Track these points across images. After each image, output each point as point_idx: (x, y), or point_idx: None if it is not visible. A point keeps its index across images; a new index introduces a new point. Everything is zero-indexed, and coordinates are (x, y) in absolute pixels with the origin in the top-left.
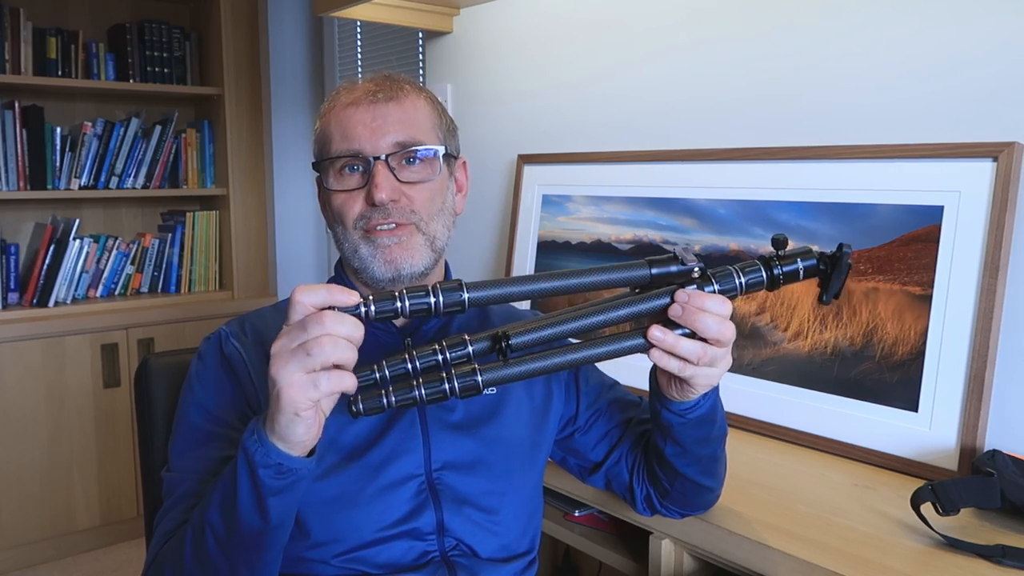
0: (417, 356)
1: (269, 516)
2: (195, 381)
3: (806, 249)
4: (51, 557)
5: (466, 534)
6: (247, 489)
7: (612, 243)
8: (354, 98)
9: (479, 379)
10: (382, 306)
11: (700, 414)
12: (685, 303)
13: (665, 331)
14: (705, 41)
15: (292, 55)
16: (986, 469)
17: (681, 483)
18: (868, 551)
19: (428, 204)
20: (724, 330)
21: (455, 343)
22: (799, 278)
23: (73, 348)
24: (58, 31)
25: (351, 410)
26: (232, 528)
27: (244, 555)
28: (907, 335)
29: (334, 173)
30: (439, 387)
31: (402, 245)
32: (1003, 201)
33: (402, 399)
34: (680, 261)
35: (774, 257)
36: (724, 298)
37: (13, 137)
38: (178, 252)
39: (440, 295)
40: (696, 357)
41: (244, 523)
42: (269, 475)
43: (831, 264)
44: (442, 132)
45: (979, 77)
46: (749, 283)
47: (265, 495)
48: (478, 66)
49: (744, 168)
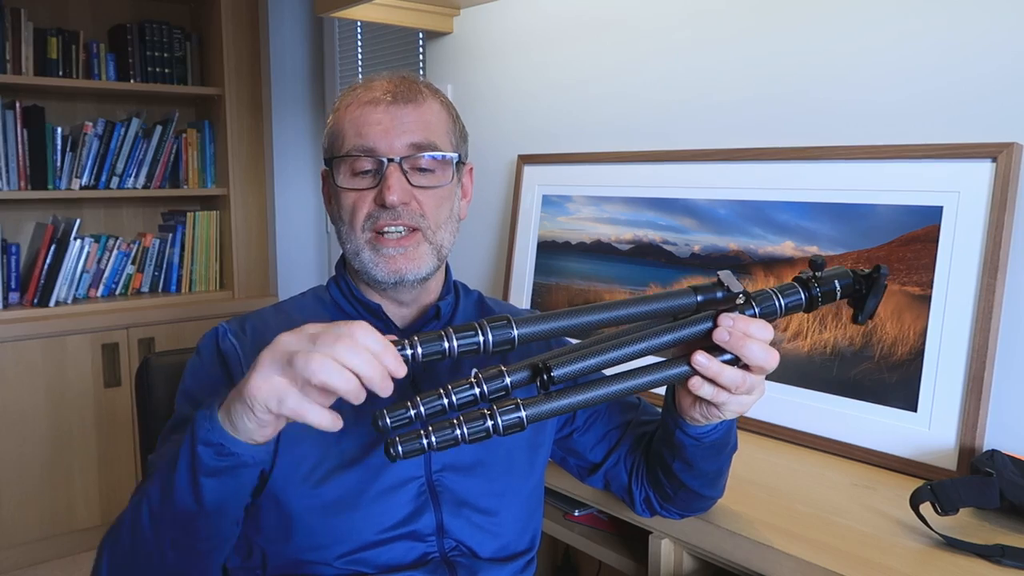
0: (454, 391)
1: (202, 497)
2: (188, 373)
3: (844, 270)
4: (51, 556)
5: (465, 535)
6: (185, 464)
7: (612, 243)
8: (372, 97)
9: (523, 415)
10: (428, 347)
11: (715, 438)
12: (731, 328)
13: (710, 358)
14: (705, 41)
15: (292, 55)
16: (985, 469)
17: (684, 492)
18: (867, 551)
19: (437, 210)
20: (769, 358)
21: (492, 375)
22: (836, 299)
23: (74, 348)
24: (59, 31)
25: (389, 453)
26: (165, 502)
27: (172, 534)
28: (906, 335)
29: (345, 170)
30: (482, 425)
31: (407, 256)
32: (1002, 201)
33: (443, 440)
34: (726, 288)
35: (812, 278)
36: (767, 323)
37: (14, 137)
38: (179, 252)
39: (489, 332)
40: (735, 385)
41: (177, 499)
42: (208, 454)
43: (867, 285)
44: (455, 138)
45: (978, 77)
46: (789, 305)
47: (199, 472)
48: (478, 66)
49: (744, 168)
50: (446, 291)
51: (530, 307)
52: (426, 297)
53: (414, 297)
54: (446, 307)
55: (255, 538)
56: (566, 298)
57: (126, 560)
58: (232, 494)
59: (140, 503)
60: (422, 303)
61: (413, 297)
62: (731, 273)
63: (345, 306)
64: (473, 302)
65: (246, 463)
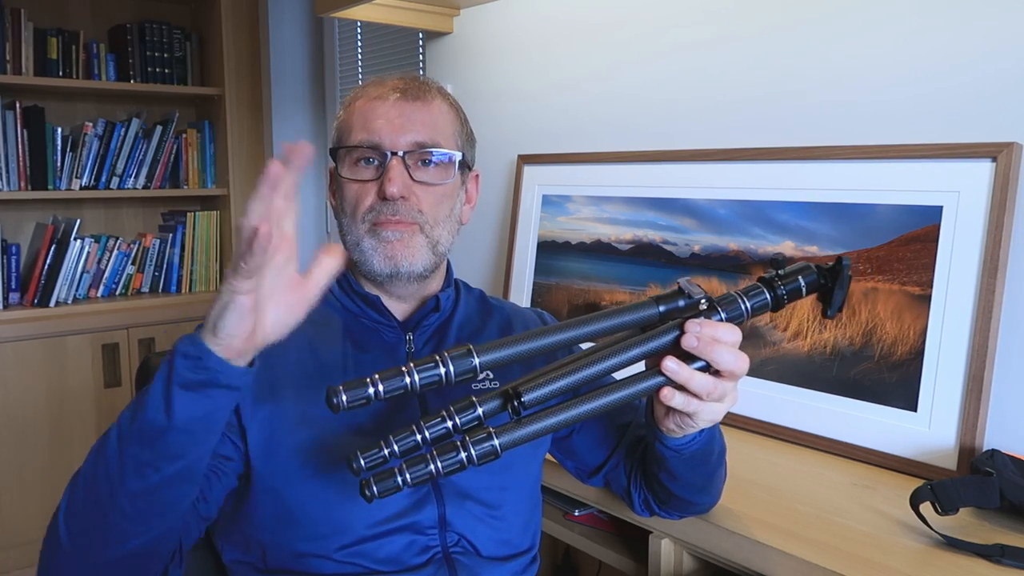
0: (426, 427)
1: (173, 409)
2: None
3: (806, 265)
4: None
5: (468, 529)
6: (161, 379)
7: (612, 243)
8: (381, 93)
9: (496, 443)
10: (390, 384)
11: (696, 450)
12: (699, 333)
13: (681, 364)
14: (705, 41)
15: (292, 55)
16: (985, 469)
17: (676, 500)
18: (867, 550)
19: (436, 207)
20: (739, 361)
21: (463, 407)
22: (802, 295)
23: (74, 348)
24: (59, 32)
25: (364, 493)
26: (135, 417)
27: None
28: (906, 335)
29: (350, 162)
30: (455, 457)
31: (403, 242)
32: (1002, 201)
33: (418, 476)
34: (686, 295)
35: (775, 277)
36: (734, 326)
37: (14, 137)
38: (179, 252)
39: (450, 364)
40: (707, 392)
41: (148, 411)
42: (185, 365)
43: (832, 278)
44: (461, 140)
45: (978, 78)
46: (755, 307)
47: (174, 382)
48: (478, 66)
49: (744, 168)
50: (446, 285)
51: (530, 306)
52: (425, 292)
53: (412, 292)
54: (446, 299)
55: (254, 533)
56: (566, 298)
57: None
58: (203, 417)
59: (110, 428)
60: (421, 296)
61: (411, 292)
62: (689, 280)
63: (344, 300)
64: (475, 299)
65: (220, 382)
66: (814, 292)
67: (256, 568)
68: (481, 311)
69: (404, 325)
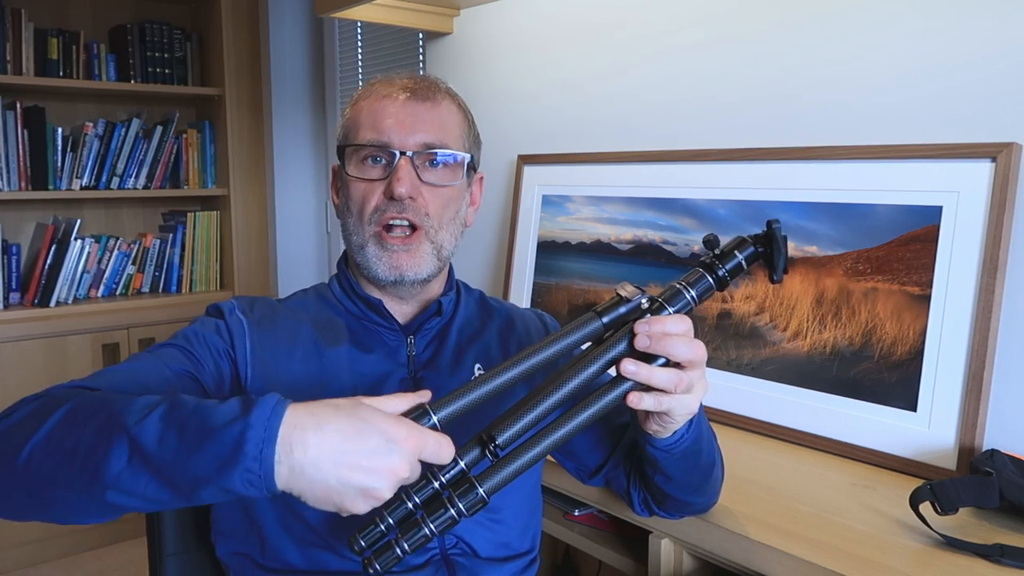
0: (414, 493)
1: (155, 439)
2: (197, 322)
3: (740, 240)
4: (52, 556)
5: (466, 532)
6: (201, 413)
7: (612, 243)
8: (390, 92)
9: (481, 492)
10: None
11: (685, 447)
12: (648, 332)
13: (638, 363)
14: (705, 42)
15: (292, 56)
16: (985, 468)
17: (673, 501)
18: (867, 550)
19: (442, 209)
20: (695, 349)
21: (444, 464)
22: (744, 269)
23: (74, 348)
24: (59, 32)
25: (368, 573)
26: (126, 402)
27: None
28: (906, 335)
29: (357, 161)
30: (445, 515)
31: (410, 253)
32: (1001, 201)
33: (414, 541)
34: (626, 300)
35: (714, 258)
36: (683, 316)
37: (14, 137)
38: (179, 252)
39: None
40: (672, 385)
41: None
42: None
43: (767, 243)
44: (468, 142)
45: (978, 78)
46: (700, 293)
47: (201, 436)
48: (478, 67)
49: (744, 168)
50: (448, 288)
51: (530, 307)
52: (427, 295)
53: (415, 295)
54: (447, 303)
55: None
56: (566, 298)
57: (67, 451)
58: (178, 463)
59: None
60: (423, 300)
61: (414, 295)
62: (627, 283)
63: (347, 302)
64: (475, 301)
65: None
66: (755, 262)
67: (253, 560)
68: (481, 313)
69: (406, 328)
